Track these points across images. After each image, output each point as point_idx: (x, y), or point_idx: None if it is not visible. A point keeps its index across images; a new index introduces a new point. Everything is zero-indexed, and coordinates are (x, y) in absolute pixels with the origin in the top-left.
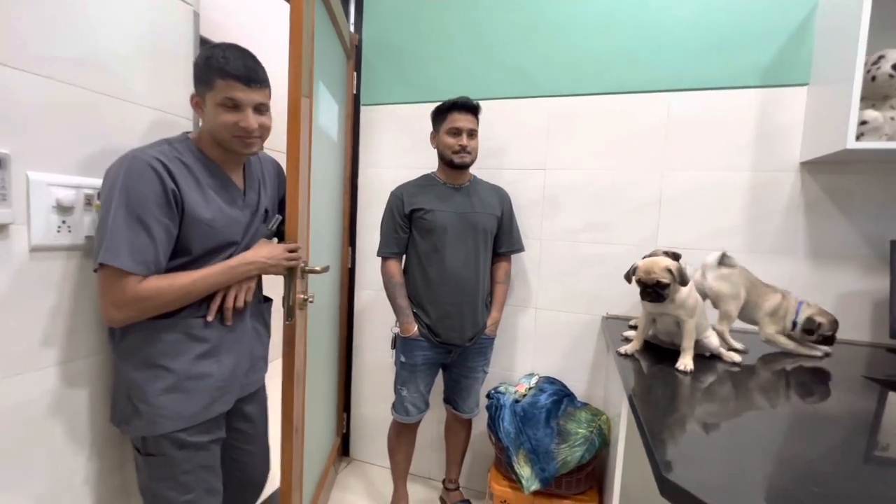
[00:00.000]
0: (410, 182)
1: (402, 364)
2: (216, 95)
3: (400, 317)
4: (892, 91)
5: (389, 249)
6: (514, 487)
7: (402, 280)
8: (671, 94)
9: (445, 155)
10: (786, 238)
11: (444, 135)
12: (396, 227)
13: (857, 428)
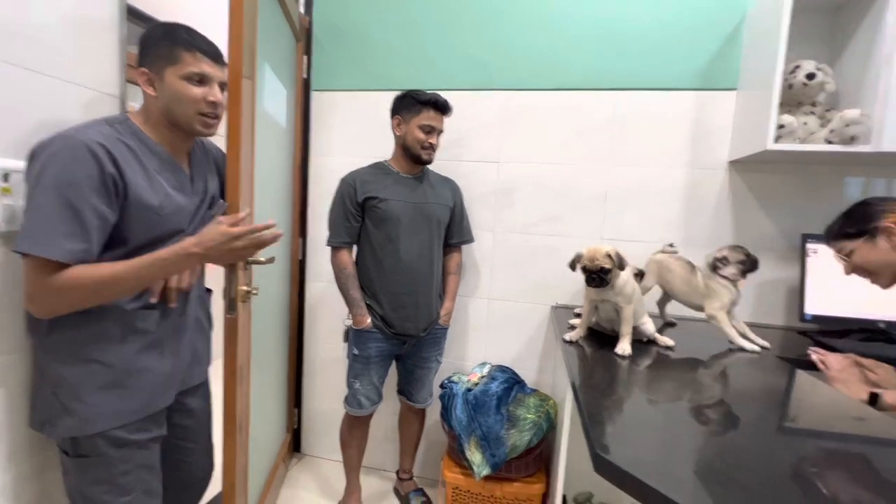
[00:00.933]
0: (362, 169)
1: (355, 357)
2: (181, 69)
3: (352, 308)
4: (805, 98)
5: (340, 239)
6: (466, 474)
7: (354, 271)
8: (618, 92)
9: (413, 148)
10: (716, 231)
11: (416, 128)
12: (348, 215)
13: (771, 403)
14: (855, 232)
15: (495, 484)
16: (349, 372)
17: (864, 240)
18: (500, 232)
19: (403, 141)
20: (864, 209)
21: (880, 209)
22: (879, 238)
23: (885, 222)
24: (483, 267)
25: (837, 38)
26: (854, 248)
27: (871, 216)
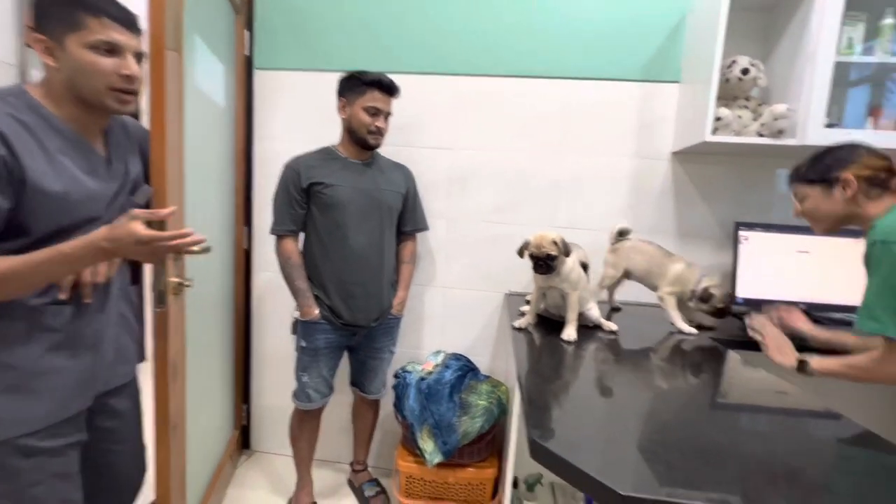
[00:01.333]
0: (307, 154)
1: (302, 349)
2: (85, 37)
3: (299, 299)
4: (740, 92)
5: (285, 227)
6: (419, 462)
7: (300, 260)
8: (568, 81)
9: (358, 132)
10: (660, 219)
11: (360, 111)
12: (292, 201)
13: (705, 381)
14: (816, 179)
15: (448, 470)
16: (297, 365)
17: (821, 188)
18: (454, 220)
19: (349, 124)
20: (832, 156)
21: (845, 159)
22: (835, 188)
23: (845, 174)
24: (437, 255)
25: (770, 36)
26: (810, 194)
27: (834, 165)
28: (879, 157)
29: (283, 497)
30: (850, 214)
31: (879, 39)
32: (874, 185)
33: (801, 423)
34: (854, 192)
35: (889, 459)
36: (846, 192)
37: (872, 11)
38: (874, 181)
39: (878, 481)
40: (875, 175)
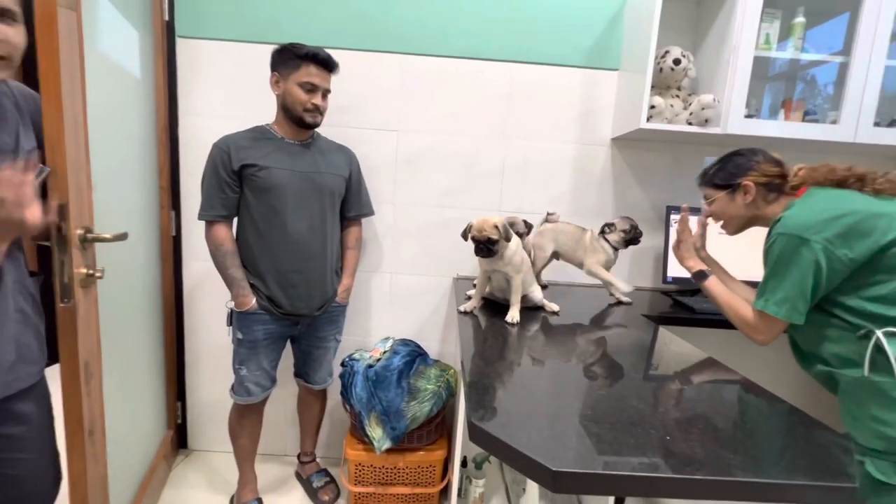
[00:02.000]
0: (238, 133)
1: (239, 341)
2: None
3: (233, 289)
4: (672, 82)
5: (215, 212)
6: (369, 449)
7: (234, 247)
8: (514, 64)
9: (294, 110)
10: (600, 204)
11: (295, 87)
12: (222, 184)
13: (638, 355)
14: (720, 184)
15: (398, 455)
16: (234, 358)
17: (726, 193)
18: (400, 205)
19: (283, 101)
20: (735, 162)
21: (747, 165)
22: (738, 194)
23: (745, 180)
24: (384, 240)
25: (699, 29)
26: (716, 197)
27: (736, 172)
28: (774, 164)
29: (226, 495)
30: (752, 216)
31: (791, 37)
32: (770, 190)
33: (714, 388)
34: (753, 196)
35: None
36: (746, 196)
37: (787, 9)
38: (770, 186)
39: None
40: (770, 181)
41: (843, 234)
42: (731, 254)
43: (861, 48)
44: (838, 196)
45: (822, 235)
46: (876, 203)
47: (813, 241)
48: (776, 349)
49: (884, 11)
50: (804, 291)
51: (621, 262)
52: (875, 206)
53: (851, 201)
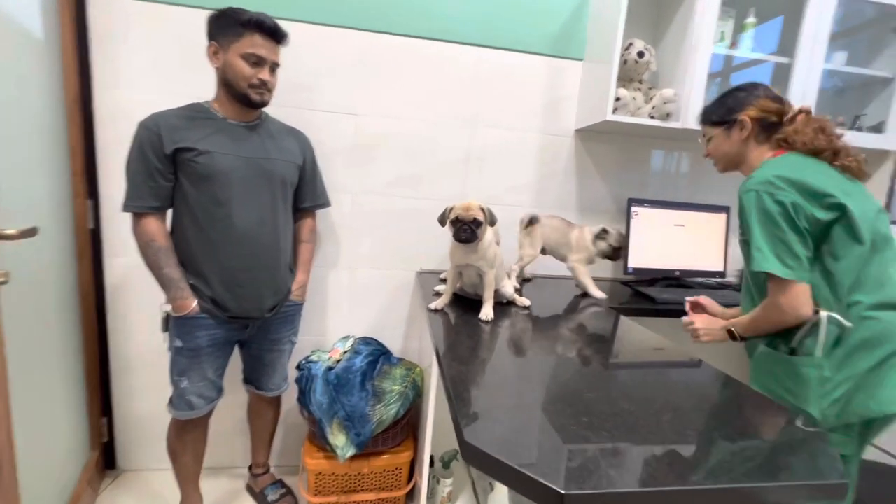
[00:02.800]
0: (170, 112)
1: (178, 350)
2: None
3: (169, 291)
4: (635, 75)
5: (144, 203)
6: (330, 457)
7: (169, 243)
8: (480, 49)
9: (237, 86)
10: (563, 195)
11: (238, 59)
12: (152, 171)
13: (601, 345)
14: (718, 120)
15: (362, 461)
16: (173, 368)
17: (722, 129)
18: (359, 193)
19: (224, 75)
20: (735, 96)
21: (746, 100)
22: (734, 129)
23: (742, 115)
24: (342, 233)
25: (661, 23)
26: (714, 135)
27: (735, 107)
28: (774, 100)
29: None
30: (741, 154)
31: (743, 35)
32: (764, 129)
33: (673, 372)
34: (749, 133)
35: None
36: (742, 132)
37: (740, 9)
38: (765, 124)
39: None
40: (766, 117)
41: (809, 193)
42: (686, 246)
43: (803, 51)
44: (805, 163)
45: (791, 187)
46: (836, 177)
47: (783, 191)
48: None
49: (823, 16)
50: (787, 239)
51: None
52: (833, 179)
53: (816, 170)
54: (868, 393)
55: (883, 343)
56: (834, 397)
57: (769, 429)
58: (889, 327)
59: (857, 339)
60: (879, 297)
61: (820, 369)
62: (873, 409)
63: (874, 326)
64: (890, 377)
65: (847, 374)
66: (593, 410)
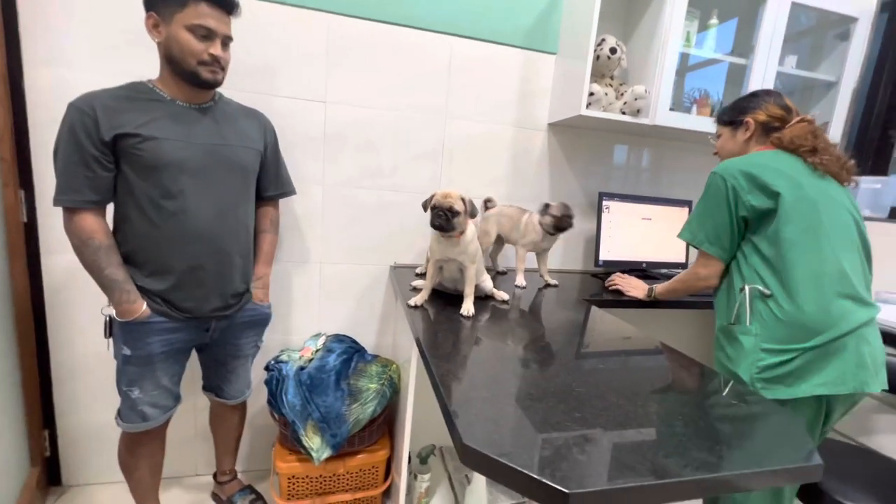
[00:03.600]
0: (107, 92)
1: (127, 358)
2: None
3: (113, 293)
4: (606, 70)
5: (79, 196)
6: (304, 460)
7: (110, 241)
8: (454, 38)
9: (185, 63)
10: (536, 188)
11: (184, 32)
12: (87, 160)
13: (573, 335)
14: (728, 120)
15: (338, 462)
16: (121, 378)
17: (730, 129)
18: (330, 185)
19: (168, 51)
20: (748, 101)
21: (755, 104)
22: (739, 130)
23: (748, 117)
24: (312, 226)
25: (631, 20)
26: (722, 132)
27: (745, 109)
28: (781, 108)
29: None
30: (741, 153)
31: (706, 35)
32: (766, 131)
33: (640, 358)
34: (751, 134)
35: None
36: (746, 133)
37: (704, 10)
38: (767, 127)
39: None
40: (769, 122)
41: (751, 181)
42: (653, 239)
43: (760, 53)
44: (773, 156)
45: (736, 176)
46: (797, 168)
47: (729, 181)
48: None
49: (779, 21)
50: (718, 226)
51: (555, 245)
52: (790, 168)
53: (776, 161)
54: (801, 374)
55: (824, 330)
56: (764, 368)
57: (742, 411)
58: (834, 317)
59: (798, 322)
60: (833, 288)
61: (756, 337)
62: (803, 389)
63: (816, 312)
64: (827, 361)
65: (780, 349)
66: (585, 405)
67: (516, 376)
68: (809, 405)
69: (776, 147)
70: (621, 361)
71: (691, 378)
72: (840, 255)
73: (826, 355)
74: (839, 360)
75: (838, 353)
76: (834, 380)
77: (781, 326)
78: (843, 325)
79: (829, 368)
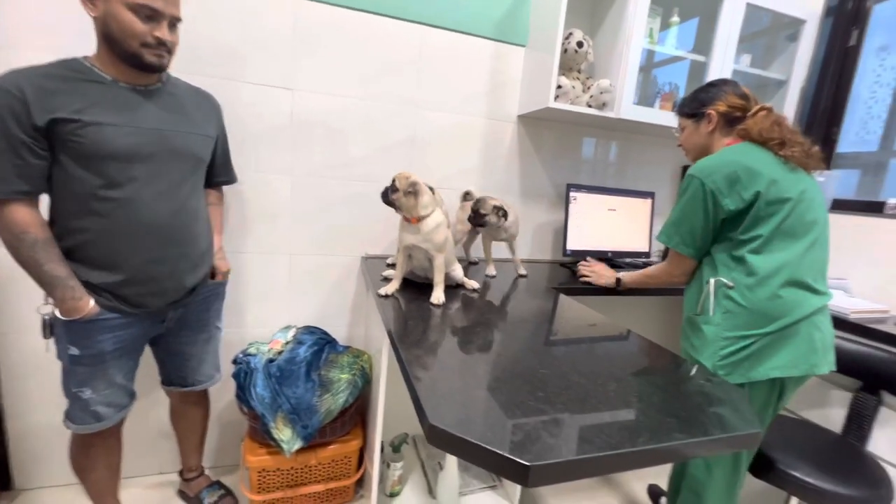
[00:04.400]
0: (37, 70)
1: (75, 358)
2: None
3: (56, 291)
4: (574, 64)
5: (8, 186)
6: (274, 452)
7: (48, 233)
8: (424, 27)
9: (126, 44)
10: (506, 179)
11: (125, 10)
12: (17, 147)
13: (542, 323)
14: (689, 112)
15: (309, 453)
16: (69, 380)
17: (693, 121)
18: (299, 176)
19: (106, 30)
20: (705, 92)
21: (715, 95)
22: (702, 122)
23: (710, 109)
24: (281, 217)
25: (597, 15)
26: (685, 125)
27: (706, 100)
28: (740, 97)
29: None
30: (708, 145)
31: (668, 33)
32: (728, 122)
33: (606, 344)
34: (714, 125)
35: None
36: (709, 125)
37: (666, 8)
38: (729, 118)
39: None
40: (731, 112)
41: (729, 183)
42: (618, 229)
43: (717, 52)
44: (746, 151)
45: (713, 179)
46: (771, 165)
47: (707, 184)
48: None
49: (734, 21)
50: (694, 228)
51: (524, 235)
52: (765, 167)
53: (751, 158)
54: (758, 358)
55: (779, 317)
56: (726, 355)
57: (694, 388)
58: (788, 304)
59: (756, 311)
60: (790, 277)
61: (718, 326)
62: (760, 373)
63: (773, 301)
64: (781, 346)
65: (739, 336)
66: (548, 385)
67: (484, 362)
68: (764, 387)
69: (744, 139)
70: (586, 346)
71: (650, 360)
72: (805, 248)
73: (781, 340)
74: (792, 345)
75: (792, 339)
76: (787, 363)
77: (742, 315)
78: (797, 313)
79: (783, 353)
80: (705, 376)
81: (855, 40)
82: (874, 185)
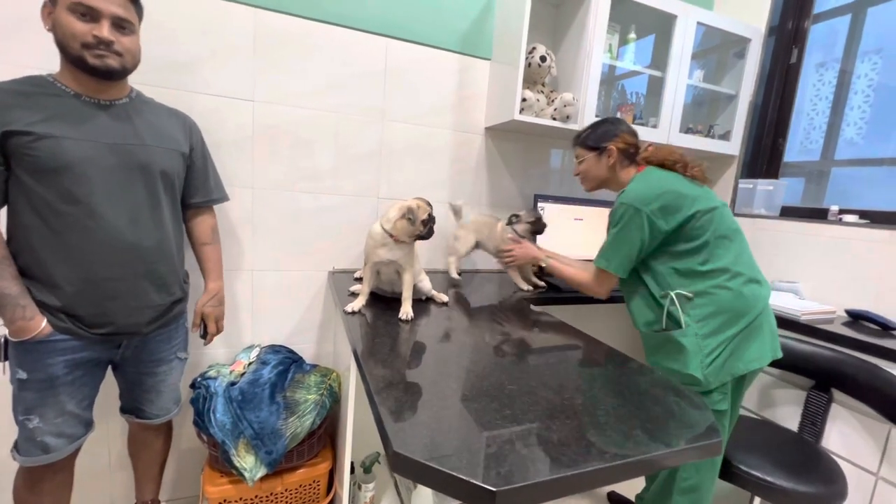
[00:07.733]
0: (1, 85)
1: (23, 382)
2: None
3: (6, 311)
4: (538, 77)
5: None
6: (237, 481)
7: (4, 250)
8: (390, 40)
9: (69, 48)
10: (475, 190)
11: (65, 12)
12: None
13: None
14: (591, 146)
15: (275, 479)
16: (16, 406)
17: (594, 154)
18: (261, 188)
19: (56, 37)
20: (605, 128)
21: (614, 132)
22: (603, 156)
23: (610, 145)
24: (242, 233)
25: (559, 30)
26: (585, 158)
27: (606, 136)
28: (632, 135)
29: None
30: (609, 178)
31: (626, 49)
32: (626, 157)
33: (573, 354)
34: (614, 160)
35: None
36: (610, 159)
37: (623, 25)
38: (626, 153)
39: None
40: (627, 149)
41: (663, 208)
42: (584, 238)
43: (672, 67)
44: (665, 177)
45: (650, 208)
46: (688, 185)
47: (644, 212)
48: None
49: (687, 38)
50: (631, 251)
51: None
52: (686, 188)
53: (673, 182)
54: (737, 355)
55: (746, 313)
56: (711, 360)
57: (657, 396)
58: (750, 300)
59: (727, 311)
60: (741, 275)
61: (696, 336)
62: (741, 368)
63: (738, 299)
64: (751, 340)
65: (720, 339)
66: (515, 403)
67: (452, 379)
68: (739, 382)
69: (649, 165)
70: (554, 358)
71: (616, 370)
72: (740, 248)
73: (751, 333)
74: (759, 337)
75: (758, 331)
76: (760, 354)
77: (716, 318)
78: (759, 306)
79: (755, 345)
80: (667, 384)
81: (795, 58)
82: (818, 193)
